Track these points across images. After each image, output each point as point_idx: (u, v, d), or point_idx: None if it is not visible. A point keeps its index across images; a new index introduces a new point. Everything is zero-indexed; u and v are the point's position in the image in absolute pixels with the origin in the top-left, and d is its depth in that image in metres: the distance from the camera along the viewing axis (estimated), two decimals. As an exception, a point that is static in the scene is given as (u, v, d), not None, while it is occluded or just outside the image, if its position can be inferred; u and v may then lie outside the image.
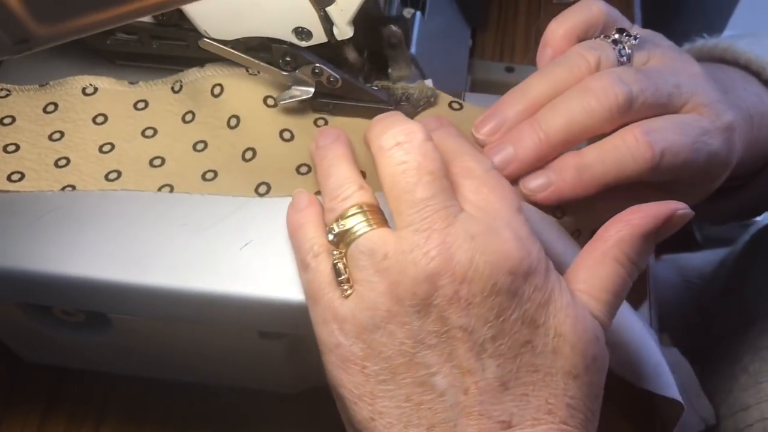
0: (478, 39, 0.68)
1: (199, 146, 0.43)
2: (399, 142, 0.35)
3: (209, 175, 0.42)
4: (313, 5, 0.39)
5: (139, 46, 0.45)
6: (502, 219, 0.34)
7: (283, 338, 0.45)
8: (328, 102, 0.45)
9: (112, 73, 0.47)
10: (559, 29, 0.43)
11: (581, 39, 0.43)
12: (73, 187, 0.42)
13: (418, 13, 0.51)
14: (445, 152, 0.37)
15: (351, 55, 0.43)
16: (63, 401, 0.53)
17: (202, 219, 0.41)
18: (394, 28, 0.43)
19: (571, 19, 0.43)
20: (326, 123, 0.45)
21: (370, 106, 0.45)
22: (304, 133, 0.44)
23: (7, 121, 0.45)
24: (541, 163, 0.40)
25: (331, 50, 0.43)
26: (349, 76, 0.44)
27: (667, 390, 0.43)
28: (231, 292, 0.40)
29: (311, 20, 0.40)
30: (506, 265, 0.33)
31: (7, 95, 0.46)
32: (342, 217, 0.36)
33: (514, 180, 0.40)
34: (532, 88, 0.41)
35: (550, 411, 0.33)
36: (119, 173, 0.43)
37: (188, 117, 0.44)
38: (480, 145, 0.41)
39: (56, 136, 0.44)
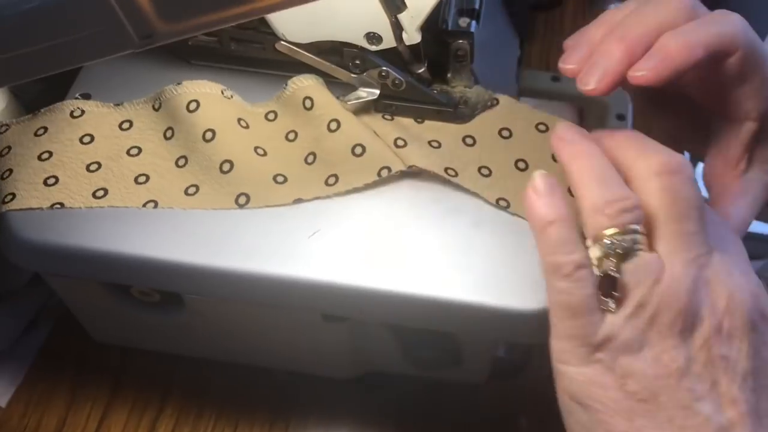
0: (526, 50, 0.71)
1: (181, 162, 0.46)
2: (672, 171, 0.36)
3: (191, 190, 0.45)
4: (386, 12, 0.42)
5: (218, 48, 0.49)
6: (743, 262, 0.37)
7: (345, 322, 0.48)
8: (391, 103, 0.48)
9: (188, 73, 0.50)
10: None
11: None
12: (62, 205, 0.44)
13: (473, 23, 0.54)
14: None
15: (416, 60, 0.46)
16: (130, 381, 0.57)
17: (274, 208, 0.44)
18: (462, 42, 0.46)
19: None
20: (296, 136, 0.47)
21: (430, 108, 0.48)
22: (276, 150, 0.46)
23: (5, 152, 0.47)
24: (632, 64, 0.39)
25: (394, 55, 0.46)
26: (412, 79, 0.47)
27: None
28: (299, 276, 0.43)
29: (382, 26, 0.43)
30: (758, 305, 0.36)
31: (6, 130, 0.48)
32: (624, 229, 0.35)
33: (615, 87, 0.40)
34: (607, 16, 0.42)
35: None
36: (106, 191, 0.45)
37: (168, 133, 0.47)
38: (571, 75, 0.41)
39: (45, 156, 0.46)
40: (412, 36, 0.44)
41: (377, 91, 0.47)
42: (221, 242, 0.43)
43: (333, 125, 0.46)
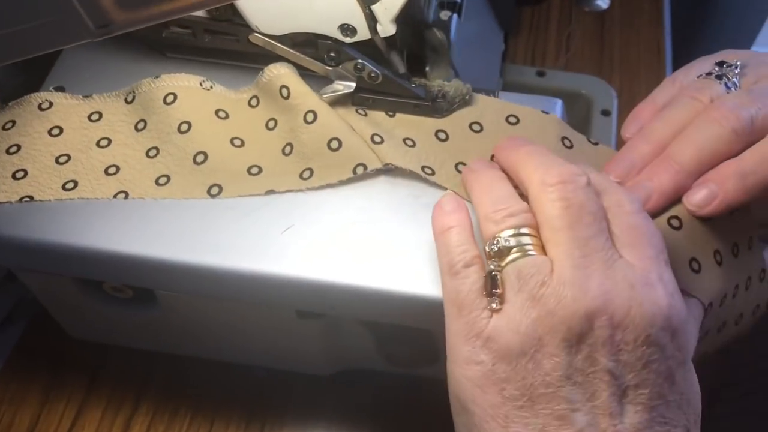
0: (510, 44, 0.71)
1: (152, 153, 0.45)
2: (564, 180, 0.36)
3: (162, 180, 0.44)
4: (359, 3, 0.41)
5: (192, 40, 0.48)
6: (654, 271, 0.35)
7: (320, 319, 0.47)
8: (368, 97, 0.47)
9: (164, 65, 0.50)
10: (647, 106, 0.45)
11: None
12: (31, 198, 0.44)
13: (455, 17, 0.54)
14: (594, 184, 0.37)
15: (392, 53, 0.45)
16: (106, 377, 0.56)
17: (248, 203, 0.44)
18: (437, 32, 0.45)
19: (657, 97, 0.45)
20: (276, 125, 0.46)
21: (408, 102, 0.47)
22: (255, 140, 0.46)
23: None
24: (679, 194, 0.41)
25: (372, 48, 0.45)
26: (389, 72, 0.46)
27: None
28: (273, 272, 0.42)
29: (356, 17, 0.43)
30: (659, 320, 0.34)
31: None
32: (504, 233, 0.36)
33: (659, 212, 0.41)
34: (654, 131, 0.42)
35: None
36: (76, 183, 0.44)
37: (140, 125, 0.46)
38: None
39: (13, 149, 0.46)
40: (387, 28, 0.43)
41: (353, 84, 0.46)
42: (193, 237, 0.43)
43: (309, 116, 0.45)
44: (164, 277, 0.43)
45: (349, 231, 0.43)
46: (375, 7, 0.41)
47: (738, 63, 0.43)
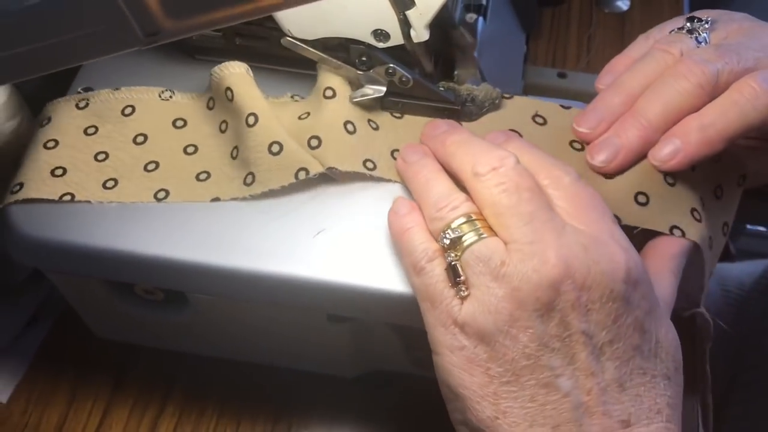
0: (531, 45, 0.71)
1: (100, 156, 0.46)
2: (494, 167, 0.38)
3: (110, 184, 0.45)
4: (394, 9, 0.41)
5: (223, 43, 0.48)
6: (604, 231, 0.37)
7: (349, 322, 0.47)
8: (398, 101, 0.47)
9: (193, 67, 0.50)
10: (621, 60, 0.47)
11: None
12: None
13: (480, 19, 0.54)
14: (528, 165, 0.39)
15: (423, 57, 0.46)
16: (132, 377, 0.56)
17: (280, 207, 0.44)
18: (466, 34, 0.45)
19: (632, 51, 0.47)
20: (227, 127, 0.46)
21: (437, 106, 0.47)
22: (207, 145, 0.46)
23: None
24: (647, 148, 0.42)
25: (402, 52, 0.45)
26: (419, 77, 0.46)
27: None
28: (304, 276, 0.42)
29: (390, 23, 0.43)
30: (619, 274, 0.35)
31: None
32: (453, 224, 0.38)
33: (627, 168, 0.42)
34: (625, 83, 0.44)
35: (659, 410, 0.35)
36: (22, 185, 0.44)
37: (91, 130, 0.47)
38: (584, 140, 0.44)
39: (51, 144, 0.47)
40: (420, 33, 0.43)
41: (384, 89, 0.46)
42: (226, 241, 0.43)
43: (251, 119, 0.45)
44: (198, 280, 0.43)
45: (380, 235, 0.43)
46: (409, 13, 0.41)
47: (709, 19, 0.45)
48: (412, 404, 0.55)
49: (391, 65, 0.45)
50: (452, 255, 0.37)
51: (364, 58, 0.45)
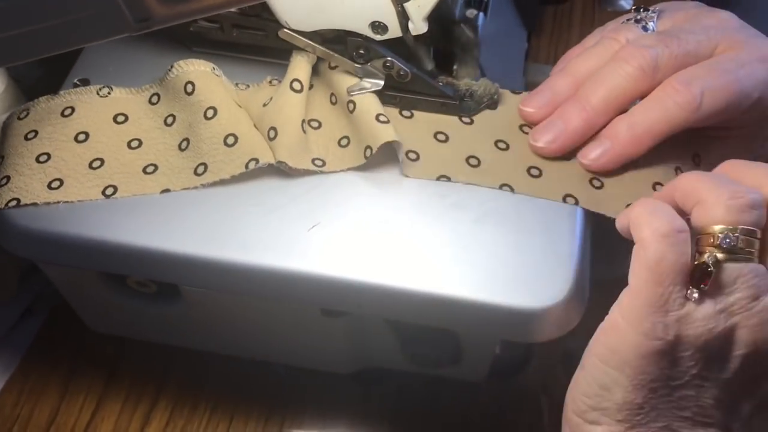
0: (533, 42, 0.70)
1: (42, 158, 0.45)
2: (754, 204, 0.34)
3: (55, 184, 0.44)
4: (392, 1, 0.41)
5: (220, 34, 0.48)
6: None
7: (344, 317, 0.47)
8: (395, 95, 0.47)
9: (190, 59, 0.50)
10: (576, 49, 0.49)
11: None
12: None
13: (481, 15, 0.53)
14: None
15: (421, 51, 0.45)
16: (125, 370, 0.56)
17: (274, 200, 0.44)
18: (466, 29, 0.45)
19: (587, 41, 0.49)
20: (174, 120, 0.46)
21: (435, 100, 0.47)
22: (151, 138, 0.46)
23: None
24: (590, 132, 0.43)
25: (400, 46, 0.45)
26: (417, 71, 0.46)
27: None
28: (298, 269, 0.42)
29: (388, 15, 0.42)
30: None
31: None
32: (742, 225, 0.33)
33: (568, 150, 0.44)
34: (573, 68, 0.45)
35: None
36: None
37: (30, 135, 0.46)
38: (529, 121, 0.46)
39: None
40: (419, 26, 0.43)
41: (381, 82, 0.46)
42: (219, 234, 0.43)
43: (210, 113, 0.45)
44: (190, 273, 0.43)
45: (375, 230, 0.43)
46: (408, 5, 0.41)
47: (657, 9, 0.47)
48: (406, 400, 0.55)
49: (389, 58, 0.45)
50: (713, 256, 0.33)
51: (361, 51, 0.45)
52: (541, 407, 0.55)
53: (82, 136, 0.46)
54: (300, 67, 0.46)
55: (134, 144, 0.46)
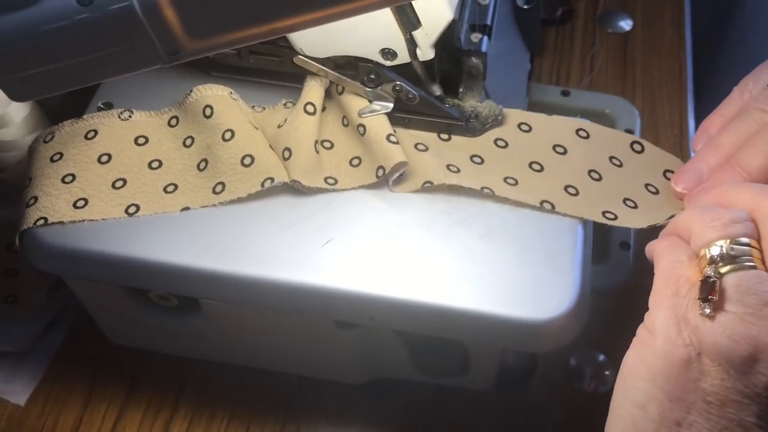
0: (536, 63, 0.72)
1: (68, 179, 0.48)
2: None
3: (80, 203, 0.47)
4: (401, 29, 0.43)
5: (238, 60, 0.50)
6: None
7: (356, 329, 0.49)
8: (404, 116, 0.49)
9: (209, 84, 0.52)
10: (715, 119, 0.47)
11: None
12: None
13: (485, 39, 0.55)
14: None
15: (428, 75, 0.47)
16: (145, 381, 0.58)
17: (289, 217, 0.46)
18: (474, 59, 0.47)
19: (725, 109, 0.47)
20: (193, 142, 0.48)
21: (442, 122, 0.49)
22: (171, 159, 0.49)
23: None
24: None
25: (409, 70, 0.47)
26: (425, 94, 0.48)
27: None
28: (313, 283, 0.44)
29: (397, 42, 0.45)
30: None
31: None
32: (733, 239, 0.35)
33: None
34: (722, 142, 0.44)
35: None
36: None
37: (56, 157, 0.49)
38: (679, 198, 0.45)
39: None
40: (426, 52, 0.45)
41: (391, 105, 0.48)
42: (239, 249, 0.45)
43: (227, 135, 0.47)
44: (210, 287, 0.45)
45: (386, 245, 0.45)
46: (416, 33, 0.43)
47: None
48: (415, 410, 0.57)
49: (398, 82, 0.47)
50: (714, 270, 0.35)
51: (372, 76, 0.47)
52: (546, 416, 0.57)
53: (105, 158, 0.49)
54: (313, 91, 0.49)
55: (155, 164, 0.48)
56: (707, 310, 0.35)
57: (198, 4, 0.29)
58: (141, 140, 0.50)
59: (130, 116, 0.50)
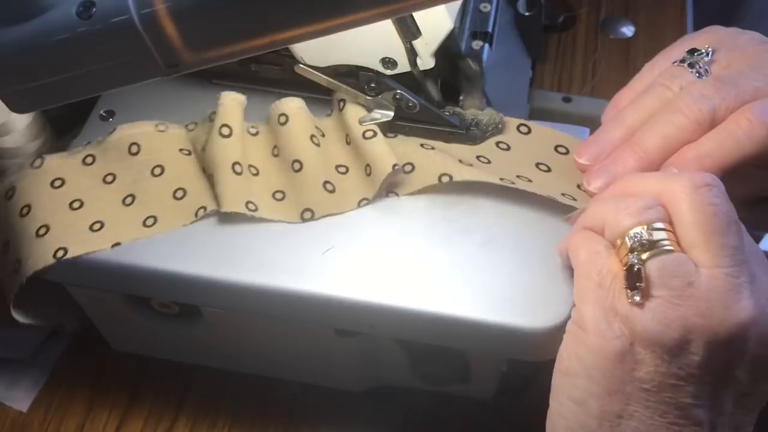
0: (537, 70, 0.73)
1: (75, 204, 0.47)
2: (708, 184, 0.36)
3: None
4: (401, 38, 0.43)
5: (239, 68, 0.51)
6: None
7: (357, 337, 0.49)
8: (405, 125, 0.49)
9: (211, 91, 0.52)
10: (625, 93, 0.48)
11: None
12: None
13: (486, 47, 0.56)
14: None
15: (429, 84, 0.48)
16: (147, 388, 0.58)
17: (289, 225, 0.46)
18: (472, 64, 0.47)
19: (635, 84, 0.48)
20: (114, 179, 0.48)
21: (442, 130, 0.49)
22: (92, 197, 0.48)
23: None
24: None
25: (409, 79, 0.48)
26: (425, 102, 0.48)
27: None
28: (314, 291, 0.44)
29: (398, 52, 0.45)
30: None
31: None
32: (649, 225, 0.36)
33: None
34: (626, 117, 0.45)
35: None
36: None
37: (57, 183, 0.48)
38: (582, 171, 0.46)
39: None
40: (426, 61, 0.45)
41: (391, 113, 0.48)
42: (239, 258, 0.45)
43: (157, 170, 0.48)
44: (211, 295, 0.45)
45: (386, 253, 0.45)
46: (416, 42, 0.44)
47: (709, 50, 0.45)
48: (416, 418, 0.57)
49: (399, 91, 0.47)
50: (636, 257, 0.36)
51: (372, 85, 0.47)
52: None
53: (25, 210, 0.47)
54: (229, 113, 0.48)
55: (76, 204, 0.47)
56: (636, 298, 0.35)
57: (197, 16, 0.29)
58: (57, 183, 0.48)
59: (42, 163, 0.49)
